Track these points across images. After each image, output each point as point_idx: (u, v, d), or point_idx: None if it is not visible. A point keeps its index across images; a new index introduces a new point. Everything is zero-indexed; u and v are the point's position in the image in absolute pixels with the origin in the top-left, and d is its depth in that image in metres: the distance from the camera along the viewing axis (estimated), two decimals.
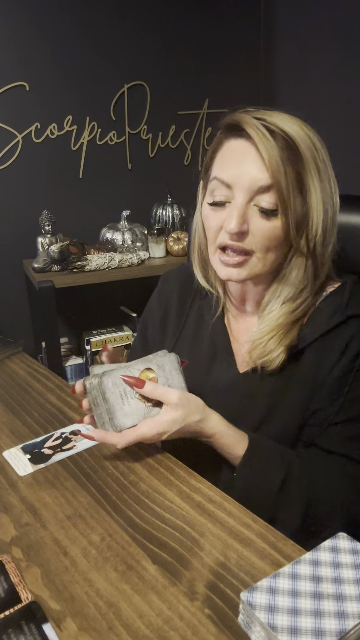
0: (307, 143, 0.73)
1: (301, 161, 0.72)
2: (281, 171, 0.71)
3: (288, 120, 0.73)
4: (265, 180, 0.72)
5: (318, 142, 0.75)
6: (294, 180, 0.72)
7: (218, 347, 0.89)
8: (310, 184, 0.73)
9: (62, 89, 2.12)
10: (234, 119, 0.74)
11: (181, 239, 2.20)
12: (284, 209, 0.72)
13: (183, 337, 0.95)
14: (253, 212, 0.74)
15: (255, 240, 0.75)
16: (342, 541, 0.56)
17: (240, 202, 0.73)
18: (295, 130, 0.72)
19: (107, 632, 0.51)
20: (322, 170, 0.74)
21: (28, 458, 0.81)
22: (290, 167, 0.72)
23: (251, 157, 0.72)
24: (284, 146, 0.71)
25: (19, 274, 2.24)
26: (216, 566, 0.59)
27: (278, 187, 0.71)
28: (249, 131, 0.72)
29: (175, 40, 2.29)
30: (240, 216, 0.73)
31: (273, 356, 0.79)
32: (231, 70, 2.44)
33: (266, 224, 0.74)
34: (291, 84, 2.40)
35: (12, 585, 0.56)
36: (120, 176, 2.34)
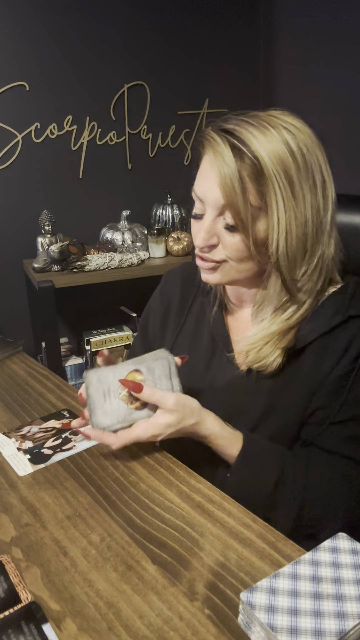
0: (280, 157, 0.70)
1: (264, 179, 0.70)
2: (236, 191, 0.70)
3: (262, 131, 0.70)
4: (222, 199, 0.72)
5: (303, 148, 0.71)
6: (256, 198, 0.71)
7: (218, 344, 0.90)
8: (273, 202, 0.71)
9: (62, 89, 2.12)
10: (201, 135, 0.75)
11: (181, 239, 2.20)
12: (243, 227, 0.73)
13: (184, 333, 0.95)
14: (222, 225, 0.76)
15: (226, 252, 0.77)
16: (342, 541, 0.56)
17: (209, 218, 0.76)
18: (265, 145, 0.70)
19: (107, 633, 0.51)
20: (298, 184, 0.71)
21: (28, 458, 0.81)
22: (252, 185, 0.71)
23: (213, 175, 0.73)
24: (247, 163, 0.70)
25: (19, 274, 2.24)
26: (216, 566, 0.59)
27: (232, 207, 0.72)
28: (207, 149, 0.73)
29: (175, 40, 2.29)
30: (206, 232, 0.76)
31: (269, 360, 0.79)
32: (231, 70, 2.44)
33: (231, 238, 0.75)
34: (291, 84, 2.40)
35: (12, 585, 0.56)
36: (120, 176, 2.34)
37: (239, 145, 0.70)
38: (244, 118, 0.73)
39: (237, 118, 0.74)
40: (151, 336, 1.02)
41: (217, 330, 0.91)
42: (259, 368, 0.81)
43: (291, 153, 0.70)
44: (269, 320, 0.80)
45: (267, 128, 0.71)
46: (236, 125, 0.72)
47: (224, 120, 0.75)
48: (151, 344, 1.02)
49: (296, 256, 0.75)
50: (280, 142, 0.70)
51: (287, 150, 0.70)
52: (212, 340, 0.91)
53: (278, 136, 0.70)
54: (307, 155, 0.72)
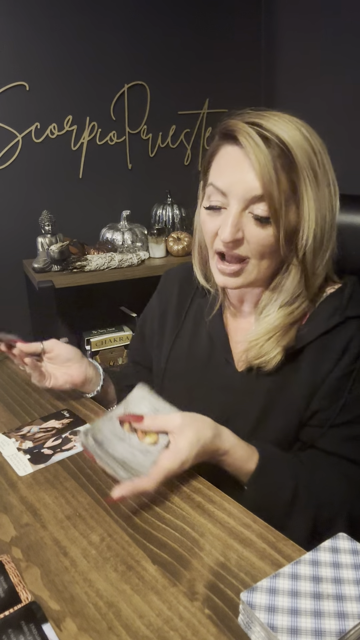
0: (304, 148, 0.71)
1: (296, 169, 0.71)
2: (273, 181, 0.70)
3: (285, 125, 0.71)
4: (258, 189, 0.71)
5: (318, 144, 0.73)
6: (287, 189, 0.71)
7: (216, 345, 0.89)
8: (304, 193, 0.72)
9: (62, 89, 2.12)
10: (228, 125, 0.73)
11: (181, 239, 2.20)
12: (276, 218, 0.72)
13: (182, 335, 0.95)
14: (247, 219, 0.74)
15: (250, 247, 0.75)
16: (342, 541, 0.56)
17: (235, 210, 0.73)
18: (291, 136, 0.70)
19: (107, 633, 0.51)
20: (320, 175, 0.73)
21: (28, 458, 0.81)
22: (284, 176, 0.71)
23: (245, 166, 0.72)
24: (278, 154, 0.70)
25: (19, 274, 2.24)
26: (216, 566, 0.59)
27: (270, 197, 0.71)
28: (241, 140, 0.71)
29: (176, 40, 2.29)
30: (233, 225, 0.73)
31: (270, 357, 0.78)
32: (231, 70, 2.44)
33: (261, 231, 0.74)
34: (291, 84, 2.40)
35: (12, 585, 0.56)
36: (120, 176, 2.34)
37: (269, 135, 0.70)
38: (262, 113, 0.73)
39: (255, 113, 0.74)
40: (148, 337, 1.02)
41: (215, 332, 0.90)
42: (259, 364, 0.80)
43: (312, 147, 0.72)
44: (274, 315, 0.80)
45: (289, 122, 0.72)
46: (258, 119, 0.72)
47: (241, 116, 0.74)
48: (148, 345, 1.02)
49: (318, 251, 0.76)
50: (302, 136, 0.71)
51: (309, 145, 0.72)
52: (210, 342, 0.90)
53: (298, 130, 0.72)
54: (323, 154, 0.74)
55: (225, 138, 0.74)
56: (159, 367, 0.97)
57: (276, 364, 0.79)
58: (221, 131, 0.75)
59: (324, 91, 2.21)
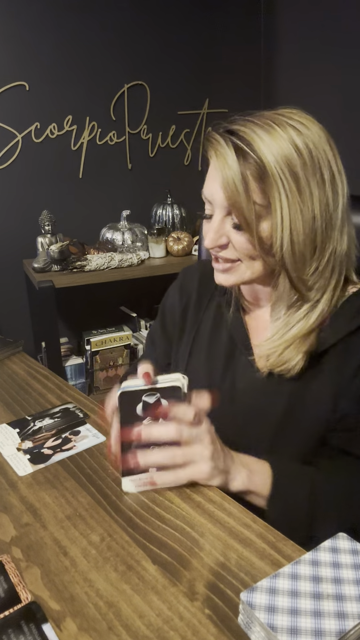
0: (285, 155, 0.70)
1: (267, 179, 0.70)
2: (239, 191, 0.71)
3: (267, 130, 0.71)
4: (225, 200, 0.74)
5: (310, 144, 0.72)
6: (260, 197, 0.72)
7: (237, 344, 0.88)
8: (277, 201, 0.71)
9: (62, 89, 2.12)
10: (206, 137, 0.75)
11: (181, 239, 2.20)
12: (247, 226, 0.73)
13: (201, 332, 0.94)
14: (229, 225, 0.76)
15: (236, 251, 0.77)
16: (342, 541, 0.56)
17: (217, 218, 0.77)
18: (269, 144, 0.70)
19: (107, 632, 0.51)
20: (305, 179, 0.71)
21: (28, 458, 0.81)
22: (255, 185, 0.71)
23: (218, 177, 0.74)
24: (251, 164, 0.70)
25: (19, 274, 2.24)
26: (216, 566, 0.59)
27: (236, 207, 0.72)
28: (209, 153, 0.73)
29: (176, 40, 2.29)
30: (214, 232, 0.77)
31: (291, 364, 0.77)
32: (231, 70, 2.44)
33: (239, 237, 0.76)
34: (291, 84, 2.40)
35: (12, 585, 0.56)
36: (120, 176, 2.34)
37: (242, 145, 0.71)
38: (249, 118, 0.74)
39: (243, 118, 0.74)
40: (170, 334, 1.01)
41: (236, 332, 0.89)
42: (280, 372, 0.79)
43: (297, 150, 0.71)
44: (283, 320, 0.79)
45: (272, 127, 0.71)
46: (241, 126, 0.72)
47: (229, 122, 0.75)
48: (170, 342, 1.01)
49: (304, 253, 0.74)
50: (286, 140, 0.71)
51: (293, 147, 0.71)
52: (231, 341, 0.89)
53: (284, 134, 0.71)
54: (314, 151, 0.72)
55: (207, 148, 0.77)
56: (178, 365, 0.96)
57: (299, 369, 0.78)
58: (205, 142, 0.77)
59: (324, 91, 2.21)
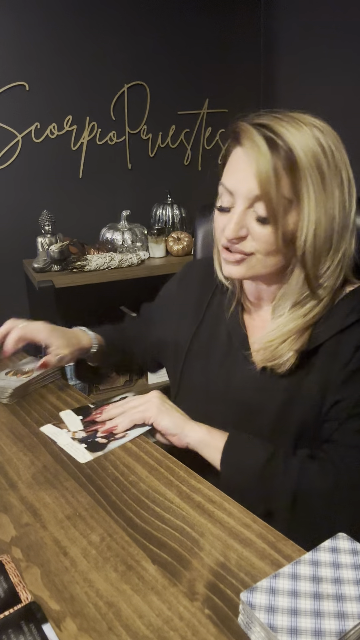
0: (312, 150, 0.72)
1: (298, 171, 0.72)
2: (271, 182, 0.72)
3: (294, 126, 0.73)
4: (257, 190, 0.73)
5: (331, 144, 0.74)
6: (288, 190, 0.73)
7: (234, 342, 0.90)
8: (305, 195, 0.73)
9: (62, 89, 2.12)
10: (237, 127, 0.76)
11: (181, 239, 2.20)
12: (274, 218, 0.74)
13: (202, 329, 0.96)
14: (251, 217, 0.76)
15: (254, 244, 0.77)
16: (342, 541, 0.56)
17: (239, 209, 0.76)
18: (298, 138, 0.72)
19: (107, 633, 0.51)
20: (330, 176, 0.74)
21: (84, 447, 0.83)
22: (286, 177, 0.72)
23: (248, 167, 0.74)
24: (282, 155, 0.71)
25: (19, 274, 2.24)
26: (216, 566, 0.59)
27: (267, 198, 0.73)
28: (243, 142, 0.74)
29: (175, 40, 2.29)
30: (236, 223, 0.76)
31: (283, 360, 0.80)
32: (231, 70, 2.44)
33: (262, 229, 0.76)
34: (291, 84, 2.40)
35: (12, 585, 0.56)
36: (120, 176, 2.34)
37: (274, 137, 0.72)
38: (275, 115, 0.75)
39: (268, 114, 0.76)
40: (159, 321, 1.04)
41: (234, 329, 0.91)
42: (272, 367, 0.81)
43: (322, 149, 0.73)
44: (287, 316, 0.81)
45: (298, 124, 0.73)
46: (269, 120, 0.74)
47: (256, 116, 0.76)
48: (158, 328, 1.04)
49: (322, 251, 0.76)
50: (312, 138, 0.73)
51: (319, 146, 0.73)
52: (229, 339, 0.91)
53: (310, 132, 0.73)
54: (335, 152, 0.74)
55: (235, 139, 0.77)
56: (177, 361, 0.98)
57: (289, 366, 0.80)
58: (232, 132, 0.78)
59: (324, 91, 2.21)
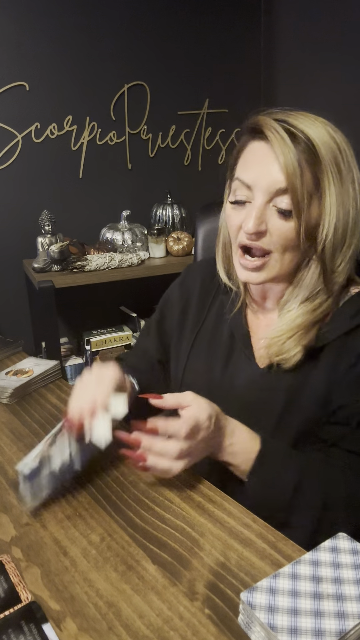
0: (330, 145, 0.73)
1: (320, 164, 0.73)
2: (297, 175, 0.72)
3: (311, 122, 0.74)
4: (282, 182, 0.73)
5: (343, 143, 0.75)
6: (310, 183, 0.73)
7: (237, 341, 0.90)
8: (327, 188, 0.74)
9: (62, 89, 2.12)
10: (257, 121, 0.76)
11: (181, 239, 2.20)
12: (298, 211, 0.74)
13: (203, 331, 0.95)
14: (271, 212, 0.76)
15: (273, 240, 0.77)
16: (342, 541, 0.56)
17: (259, 202, 0.76)
18: (316, 133, 0.73)
19: (107, 632, 0.51)
20: (345, 172, 0.75)
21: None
22: (308, 170, 0.73)
23: (270, 160, 0.74)
24: (303, 149, 0.72)
25: (19, 274, 2.24)
26: (216, 566, 0.59)
27: (293, 189, 0.73)
28: (267, 134, 0.74)
29: (176, 40, 2.29)
30: (257, 217, 0.75)
31: (290, 355, 0.79)
32: (231, 70, 2.44)
33: (284, 224, 0.75)
34: (291, 84, 2.40)
35: (12, 585, 0.56)
36: (120, 176, 2.34)
37: (294, 130, 0.73)
38: (288, 112, 0.76)
39: (281, 111, 0.76)
40: (169, 330, 1.01)
41: (236, 328, 0.90)
42: (279, 361, 0.81)
43: (337, 145, 0.74)
44: (296, 311, 0.81)
45: (312, 120, 0.75)
46: (285, 116, 0.75)
47: (269, 114, 0.76)
48: (168, 339, 1.01)
49: (338, 246, 0.77)
50: (327, 133, 0.74)
51: (334, 142, 0.74)
52: (231, 338, 0.91)
53: (323, 128, 0.74)
54: (347, 150, 0.76)
55: (253, 134, 0.77)
56: (178, 363, 0.97)
57: (296, 362, 0.79)
58: (249, 127, 0.78)
59: (324, 91, 2.21)
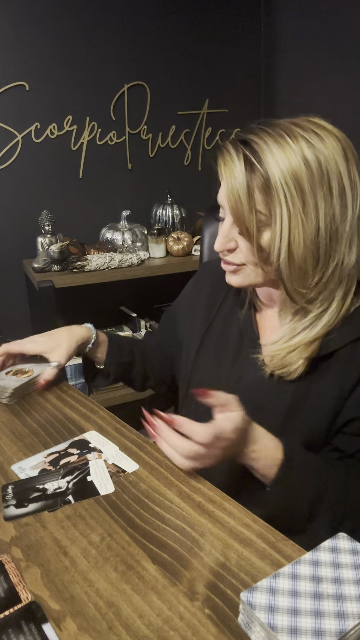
0: (292, 169, 0.71)
1: (270, 190, 0.72)
2: (241, 202, 0.74)
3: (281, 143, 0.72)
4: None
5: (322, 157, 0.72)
6: (264, 208, 0.74)
7: (246, 342, 0.91)
8: (277, 214, 0.73)
9: (62, 89, 2.12)
10: (221, 144, 0.78)
11: (181, 239, 2.20)
12: (247, 235, 0.76)
13: (212, 330, 0.97)
14: (236, 231, 0.79)
15: (243, 255, 0.80)
16: (342, 541, 0.56)
17: (226, 223, 0.80)
18: (278, 158, 0.71)
19: (107, 632, 0.51)
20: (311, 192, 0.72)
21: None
22: (260, 196, 0.73)
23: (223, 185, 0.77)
24: (257, 175, 0.73)
25: (19, 274, 2.24)
26: (216, 566, 0.59)
27: (236, 216, 0.76)
28: (219, 161, 0.76)
29: (175, 40, 2.29)
30: (223, 236, 0.81)
31: (292, 368, 0.80)
32: (231, 70, 2.44)
33: (243, 243, 0.79)
34: (291, 84, 2.40)
35: (12, 585, 0.56)
36: (120, 176, 2.34)
37: (251, 157, 0.73)
38: (265, 127, 0.75)
39: (258, 127, 0.76)
40: (180, 323, 1.05)
41: (246, 329, 0.92)
42: (281, 374, 0.81)
43: (306, 162, 0.72)
44: (290, 326, 0.82)
45: (284, 138, 0.73)
46: (255, 136, 0.75)
47: (245, 130, 0.78)
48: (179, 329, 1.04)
49: (303, 266, 0.75)
50: (295, 153, 0.72)
51: (302, 160, 0.72)
52: (240, 338, 0.92)
53: (295, 146, 0.72)
54: (324, 163, 0.72)
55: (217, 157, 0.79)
56: (187, 361, 0.99)
57: (299, 374, 0.80)
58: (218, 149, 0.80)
59: (324, 91, 2.21)
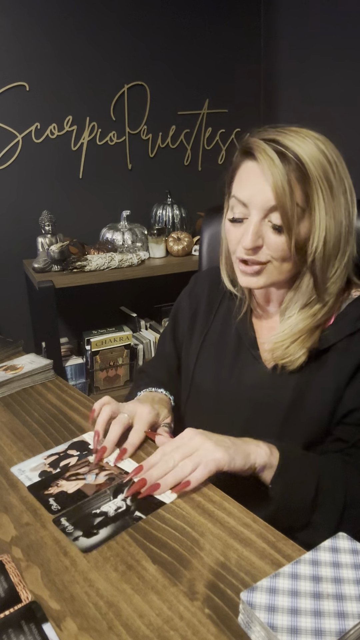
0: (319, 160, 0.76)
1: (309, 181, 0.76)
2: (286, 193, 0.75)
3: (301, 140, 0.77)
4: (272, 201, 0.77)
5: (334, 155, 0.78)
6: (301, 199, 0.77)
7: (244, 343, 0.93)
8: (316, 203, 0.77)
9: (62, 89, 2.12)
10: (248, 143, 0.80)
11: (181, 239, 2.20)
12: (288, 227, 0.77)
13: (210, 334, 1.00)
14: (267, 227, 0.80)
15: (270, 252, 0.81)
16: (342, 541, 0.56)
17: (255, 220, 0.80)
18: (306, 150, 0.76)
19: (107, 632, 0.51)
20: (336, 184, 0.78)
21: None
22: (298, 187, 0.76)
23: (262, 180, 0.78)
24: (293, 167, 0.75)
25: (19, 274, 2.24)
26: (216, 566, 0.59)
27: (282, 208, 0.76)
28: (258, 156, 0.77)
29: (175, 40, 2.29)
30: (254, 233, 0.80)
31: (295, 357, 0.83)
32: (231, 70, 2.44)
33: (278, 238, 0.79)
34: (291, 85, 2.40)
35: (12, 585, 0.56)
36: (120, 176, 2.34)
37: (284, 150, 0.76)
38: (279, 130, 0.80)
39: (273, 130, 0.80)
40: (180, 336, 1.06)
41: (243, 330, 0.94)
42: (284, 364, 0.84)
43: (327, 159, 0.77)
44: (296, 317, 0.84)
45: (302, 137, 0.78)
46: (276, 135, 0.78)
47: (261, 132, 0.81)
48: (180, 345, 1.06)
49: (330, 257, 0.80)
50: (317, 149, 0.77)
51: (324, 157, 0.77)
52: (239, 340, 0.95)
53: (313, 144, 0.77)
54: (338, 162, 0.79)
55: (246, 155, 0.81)
56: (189, 364, 1.01)
57: (301, 364, 0.83)
58: (242, 148, 0.82)
59: (324, 91, 2.21)
